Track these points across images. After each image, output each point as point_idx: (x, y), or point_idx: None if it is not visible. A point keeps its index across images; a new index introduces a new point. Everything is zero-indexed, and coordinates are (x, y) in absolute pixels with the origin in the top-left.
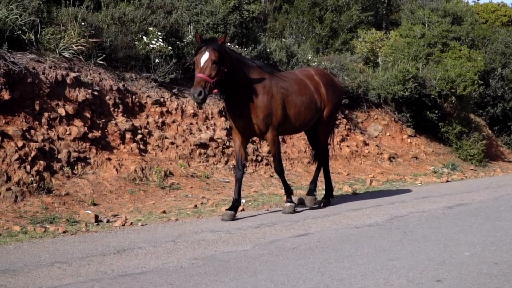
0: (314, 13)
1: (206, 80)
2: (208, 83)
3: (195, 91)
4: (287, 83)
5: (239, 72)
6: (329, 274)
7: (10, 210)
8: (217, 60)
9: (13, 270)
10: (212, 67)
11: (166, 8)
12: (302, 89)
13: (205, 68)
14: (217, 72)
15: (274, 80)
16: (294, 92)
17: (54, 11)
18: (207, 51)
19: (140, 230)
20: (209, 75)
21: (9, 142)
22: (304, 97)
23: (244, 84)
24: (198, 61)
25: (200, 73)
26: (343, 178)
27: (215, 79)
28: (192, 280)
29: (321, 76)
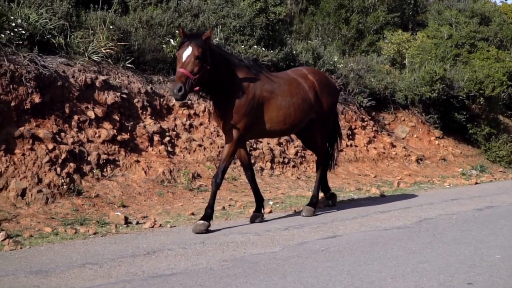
0: (340, 14)
1: (188, 76)
2: (190, 79)
3: (174, 87)
4: (275, 85)
5: (223, 71)
6: (358, 276)
7: (41, 212)
8: (200, 56)
9: (45, 271)
10: (195, 63)
11: (193, 11)
12: (294, 89)
13: (187, 63)
14: (199, 69)
15: (259, 81)
16: (282, 93)
17: (83, 15)
18: (190, 46)
19: (169, 231)
20: (191, 71)
21: (40, 144)
22: (295, 97)
23: (227, 83)
24: (180, 56)
25: (181, 68)
26: (370, 180)
27: (197, 76)
28: (222, 281)
29: (315, 75)
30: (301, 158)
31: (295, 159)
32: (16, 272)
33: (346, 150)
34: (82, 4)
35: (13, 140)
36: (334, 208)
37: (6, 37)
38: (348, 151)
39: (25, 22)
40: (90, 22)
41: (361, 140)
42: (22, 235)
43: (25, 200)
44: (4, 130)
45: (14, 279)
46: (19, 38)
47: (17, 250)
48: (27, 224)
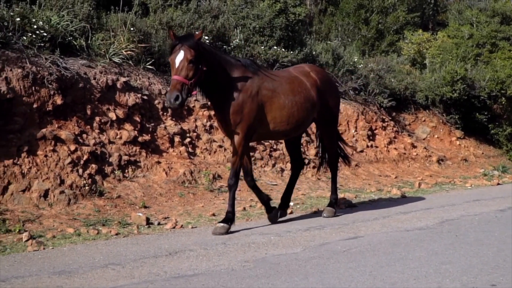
0: (360, 15)
1: (183, 82)
2: (186, 85)
3: (171, 96)
4: (276, 83)
5: (219, 71)
6: (381, 277)
7: (64, 213)
8: (194, 59)
9: (69, 272)
10: (189, 67)
11: (213, 13)
12: (296, 88)
13: (181, 69)
14: (194, 72)
15: (258, 79)
16: (284, 92)
17: (104, 17)
18: (182, 50)
19: (190, 232)
20: (186, 76)
21: (62, 146)
22: (298, 96)
23: (224, 84)
24: (173, 62)
25: (175, 75)
26: (391, 180)
27: (193, 80)
28: (244, 282)
29: (317, 73)
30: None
31: (315, 160)
32: (40, 272)
33: (366, 150)
34: (103, 6)
35: (35, 142)
36: (355, 210)
37: (28, 39)
38: (368, 152)
39: (46, 24)
40: (111, 24)
41: (381, 140)
42: (45, 236)
43: (48, 201)
44: (27, 132)
45: (38, 280)
46: (41, 40)
47: (40, 251)
48: (50, 225)
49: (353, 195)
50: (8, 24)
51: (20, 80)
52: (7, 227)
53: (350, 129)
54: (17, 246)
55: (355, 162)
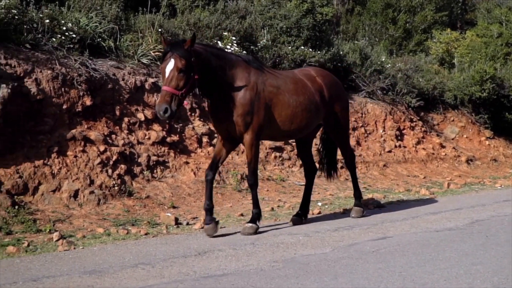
0: (387, 14)
1: (172, 93)
2: (176, 96)
3: (160, 109)
4: (280, 81)
5: (219, 71)
6: (411, 278)
7: (94, 213)
8: (184, 68)
9: (99, 271)
10: (179, 77)
11: (240, 13)
12: (300, 89)
13: (171, 79)
14: (185, 82)
15: (262, 76)
16: (288, 90)
17: (132, 18)
18: (172, 59)
19: (219, 232)
20: (176, 87)
21: (92, 146)
22: (302, 97)
23: (225, 82)
24: (163, 71)
25: (165, 86)
26: (419, 181)
27: (183, 90)
28: (273, 282)
29: (323, 78)
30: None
31: (343, 159)
32: (70, 272)
33: (394, 151)
34: (131, 7)
35: (65, 142)
36: (383, 210)
37: (57, 41)
38: (396, 152)
39: (75, 26)
40: (139, 25)
41: (409, 140)
42: (75, 236)
43: (78, 201)
44: (57, 133)
45: (69, 279)
46: (70, 41)
47: (71, 251)
48: (80, 224)
49: (381, 195)
50: (38, 26)
51: (50, 81)
52: (38, 227)
53: (378, 129)
54: (48, 246)
55: (383, 162)
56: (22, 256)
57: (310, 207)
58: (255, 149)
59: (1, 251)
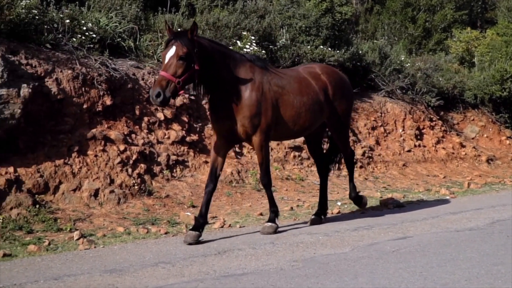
0: (407, 13)
1: (169, 79)
2: (172, 83)
3: (153, 93)
4: (284, 80)
5: (222, 67)
6: (431, 278)
7: (114, 212)
8: (184, 56)
9: (120, 270)
10: (178, 64)
11: (259, 13)
12: (304, 89)
13: (169, 66)
14: (184, 70)
15: (267, 75)
16: (292, 91)
17: (151, 18)
18: (174, 46)
19: (238, 232)
20: (174, 74)
21: (112, 146)
22: (305, 97)
23: (229, 80)
24: (163, 58)
25: (162, 71)
26: (439, 180)
27: (181, 78)
28: (293, 282)
29: (328, 75)
30: (368, 159)
31: (363, 159)
32: (91, 270)
33: (414, 150)
34: (150, 7)
35: (85, 142)
36: (403, 210)
37: (77, 40)
38: (416, 151)
39: (95, 26)
40: (158, 25)
41: (429, 140)
42: (96, 235)
43: (98, 200)
44: (77, 132)
45: (90, 278)
46: (90, 41)
47: (91, 249)
48: (100, 223)
49: (401, 195)
50: (58, 26)
51: (70, 81)
52: (59, 226)
53: (397, 128)
54: (69, 244)
55: (402, 161)
56: (43, 254)
57: (330, 207)
58: (265, 150)
59: (23, 249)
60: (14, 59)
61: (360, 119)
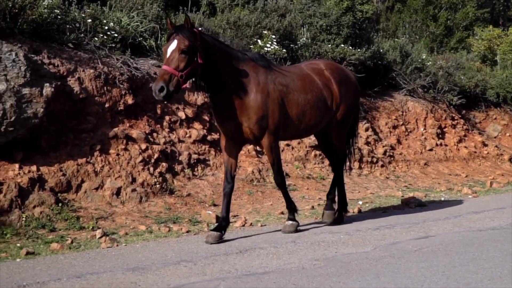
0: (428, 11)
1: (172, 73)
2: (175, 77)
3: (156, 87)
4: (288, 79)
5: (224, 66)
6: (454, 277)
7: (136, 210)
8: (187, 50)
9: (142, 268)
10: (180, 58)
11: (280, 11)
12: (307, 86)
13: (171, 59)
14: (186, 64)
15: (270, 75)
16: (296, 89)
17: (173, 18)
18: (175, 39)
19: (259, 230)
20: (176, 67)
21: (133, 144)
22: (309, 94)
23: (232, 80)
24: (165, 51)
25: (165, 65)
26: (461, 180)
27: (184, 72)
28: (315, 281)
29: (332, 71)
30: (389, 158)
31: (384, 158)
32: (114, 269)
33: (435, 149)
34: (171, 6)
35: (107, 141)
36: (425, 209)
37: (99, 40)
38: (438, 150)
39: (117, 25)
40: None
41: (451, 139)
42: (118, 233)
43: (120, 199)
44: (99, 131)
45: (112, 276)
46: (111, 41)
47: (114, 248)
48: (122, 222)
49: (423, 194)
50: (80, 26)
51: (92, 80)
52: (81, 224)
53: (419, 127)
54: (91, 243)
55: (424, 160)
56: (65, 252)
57: (351, 206)
58: (275, 150)
59: (45, 247)
60: (37, 59)
61: (381, 117)
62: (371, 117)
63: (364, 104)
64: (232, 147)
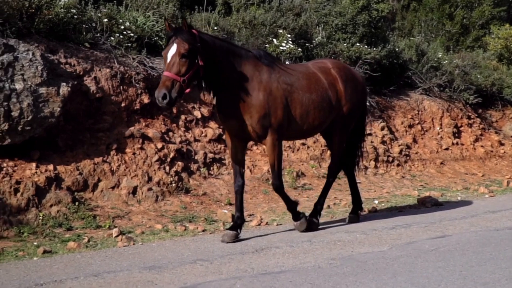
0: (444, 10)
1: (174, 79)
2: (177, 82)
3: (158, 95)
4: (293, 77)
5: (226, 65)
6: (471, 277)
7: (152, 209)
8: (187, 53)
9: (159, 267)
10: (181, 63)
11: (295, 11)
12: (312, 85)
13: (172, 65)
14: (188, 68)
15: (274, 73)
16: (301, 87)
17: (188, 17)
18: (175, 43)
19: (275, 229)
20: (178, 73)
21: (149, 144)
22: (314, 94)
23: (234, 78)
24: (165, 56)
25: (166, 71)
26: (478, 179)
27: (186, 76)
28: (331, 280)
29: (339, 70)
30: (405, 157)
31: (400, 157)
32: (131, 267)
33: (451, 148)
34: (187, 6)
35: (124, 140)
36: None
37: (115, 39)
38: (454, 150)
39: (133, 25)
40: (195, 23)
41: (467, 138)
42: (134, 232)
43: (136, 198)
44: (116, 130)
45: (129, 274)
46: (128, 40)
47: (130, 246)
48: (139, 221)
49: (439, 193)
50: (96, 25)
51: (108, 79)
52: (98, 223)
53: (435, 126)
54: (108, 241)
55: (440, 160)
56: (82, 251)
57: (367, 205)
58: (278, 150)
59: (62, 246)
60: (54, 58)
61: (397, 117)
62: (386, 116)
63: (379, 103)
64: (238, 145)
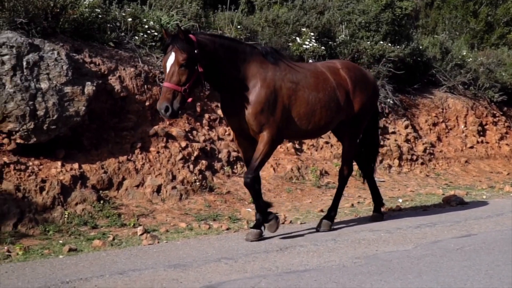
0: (468, 7)
1: (174, 89)
2: (178, 93)
3: (161, 107)
4: (300, 75)
5: (227, 64)
6: (498, 276)
7: (176, 208)
8: (185, 63)
9: (183, 265)
10: (180, 72)
11: (318, 9)
12: (320, 84)
13: (172, 75)
14: (188, 76)
15: (280, 71)
16: (307, 86)
17: (211, 16)
18: (173, 52)
19: (299, 228)
20: (178, 83)
21: (173, 142)
22: (321, 93)
23: (236, 76)
24: (164, 66)
25: (166, 82)
26: (503, 177)
27: (186, 86)
28: (356, 279)
29: (348, 71)
30: (429, 155)
31: (424, 156)
32: (155, 265)
33: (476, 146)
34: (210, 5)
35: (148, 139)
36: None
37: (140, 39)
38: (478, 148)
39: (157, 24)
40: (218, 22)
41: (492, 136)
42: (159, 230)
43: (161, 196)
44: (140, 129)
45: (154, 273)
46: (151, 39)
47: (155, 245)
48: (163, 219)
49: (464, 192)
50: (121, 25)
51: (133, 78)
52: (122, 221)
53: (459, 124)
54: (132, 239)
55: (465, 158)
56: (107, 249)
57: (391, 204)
58: (268, 148)
59: (88, 244)
60: (78, 58)
61: (421, 115)
62: (410, 115)
63: (403, 102)
64: (244, 142)
